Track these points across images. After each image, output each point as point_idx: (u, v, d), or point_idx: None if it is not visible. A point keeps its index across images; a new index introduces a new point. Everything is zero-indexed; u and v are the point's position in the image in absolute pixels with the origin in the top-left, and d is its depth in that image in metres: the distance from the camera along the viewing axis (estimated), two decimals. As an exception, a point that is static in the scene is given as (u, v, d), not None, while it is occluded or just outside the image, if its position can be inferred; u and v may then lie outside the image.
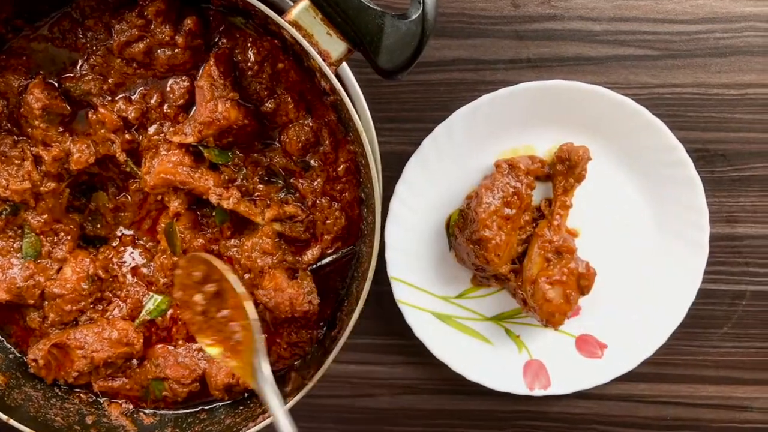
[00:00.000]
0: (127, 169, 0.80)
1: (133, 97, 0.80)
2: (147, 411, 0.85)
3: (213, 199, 0.78)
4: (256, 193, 0.81)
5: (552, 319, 0.82)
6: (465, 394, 0.93)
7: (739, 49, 0.86)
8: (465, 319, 0.90)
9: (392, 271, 0.87)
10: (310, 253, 0.82)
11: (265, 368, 0.73)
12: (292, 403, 0.77)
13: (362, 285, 0.75)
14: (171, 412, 0.85)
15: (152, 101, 0.80)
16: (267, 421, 0.77)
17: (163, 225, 0.81)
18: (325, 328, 0.85)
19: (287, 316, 0.78)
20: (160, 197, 0.80)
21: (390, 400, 0.94)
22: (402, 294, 0.87)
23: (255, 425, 0.78)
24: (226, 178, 0.80)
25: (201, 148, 0.77)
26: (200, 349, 0.83)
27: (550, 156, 0.86)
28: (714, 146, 0.87)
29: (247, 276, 0.81)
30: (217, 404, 0.85)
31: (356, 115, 0.72)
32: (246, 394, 0.84)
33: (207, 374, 0.82)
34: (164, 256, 0.82)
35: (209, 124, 0.75)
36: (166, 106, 0.80)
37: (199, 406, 0.86)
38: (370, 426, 0.94)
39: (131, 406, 0.84)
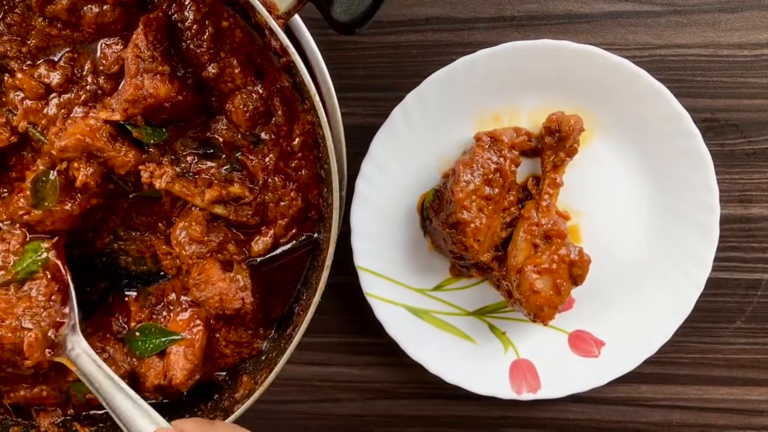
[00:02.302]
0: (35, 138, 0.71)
1: (57, 62, 0.71)
2: (83, 420, 0.76)
3: (144, 176, 0.69)
4: (197, 171, 0.72)
5: (540, 313, 0.74)
6: (445, 399, 0.85)
7: (753, 3, 0.77)
8: (443, 314, 0.81)
9: (359, 260, 0.78)
10: (262, 242, 0.73)
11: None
12: (242, 409, 0.69)
13: (320, 275, 0.66)
14: (107, 423, 0.76)
15: (85, 70, 0.71)
16: None
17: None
18: (274, 328, 0.76)
19: (217, 312, 0.69)
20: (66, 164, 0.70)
21: (360, 405, 0.86)
22: (371, 286, 0.78)
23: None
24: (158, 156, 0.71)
25: (129, 127, 0.68)
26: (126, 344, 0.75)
27: (538, 128, 0.77)
28: (725, 115, 0.78)
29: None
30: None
31: (309, 77, 0.64)
32: (184, 398, 0.76)
33: (137, 374, 0.74)
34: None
35: (134, 102, 0.67)
36: (101, 79, 0.71)
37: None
38: (341, 434, 0.86)
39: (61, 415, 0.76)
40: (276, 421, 0.87)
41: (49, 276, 0.71)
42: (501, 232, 0.76)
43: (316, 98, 0.64)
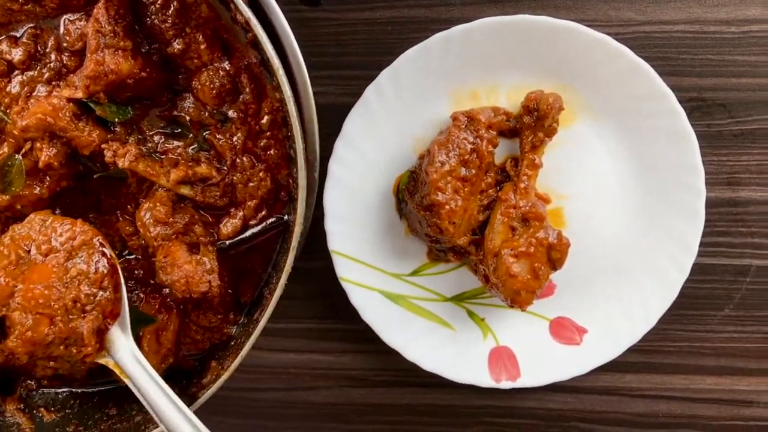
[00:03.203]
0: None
1: (19, 38, 0.69)
2: (49, 406, 0.75)
3: (107, 155, 0.68)
4: (164, 150, 0.70)
5: (518, 298, 0.71)
6: (423, 387, 0.83)
7: (741, -23, 0.74)
8: (420, 299, 0.79)
9: (333, 243, 0.76)
10: (230, 224, 0.72)
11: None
12: (206, 395, 0.67)
13: (286, 258, 0.65)
14: (75, 409, 0.75)
15: (48, 47, 0.69)
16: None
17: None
18: (244, 313, 0.74)
19: (184, 296, 0.68)
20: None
21: (336, 393, 0.84)
22: (345, 271, 0.77)
23: (162, 424, 0.68)
24: (124, 135, 0.69)
25: (92, 105, 0.67)
26: None
27: (518, 107, 0.75)
28: (711, 94, 0.76)
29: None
30: (130, 401, 0.75)
31: (273, 52, 0.62)
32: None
33: None
34: None
35: (96, 78, 0.65)
36: (65, 56, 0.69)
37: (106, 386, 0.77)
38: (312, 423, 0.84)
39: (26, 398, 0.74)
40: (252, 409, 0.85)
41: (97, 249, 0.66)
42: (478, 215, 0.74)
43: (281, 73, 0.62)
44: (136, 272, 0.75)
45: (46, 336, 0.62)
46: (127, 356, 0.65)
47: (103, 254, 0.65)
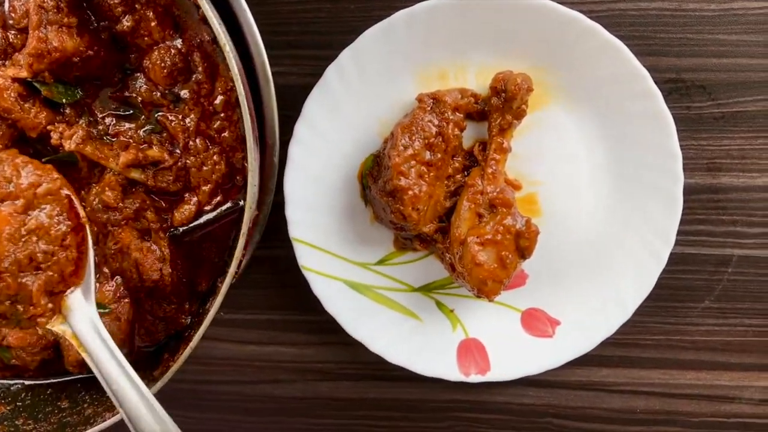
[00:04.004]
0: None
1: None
2: None
3: (54, 137, 0.65)
4: (115, 133, 0.68)
5: (484, 288, 0.69)
6: (390, 380, 0.80)
7: (722, -49, 0.71)
8: (387, 289, 0.76)
9: (294, 231, 0.74)
10: (184, 210, 0.69)
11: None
12: (155, 388, 0.65)
13: (235, 244, 0.62)
14: (26, 402, 0.73)
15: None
16: (120, 414, 0.64)
17: None
18: (200, 302, 0.72)
19: (135, 284, 0.65)
20: None
21: (300, 387, 0.81)
22: (307, 259, 0.74)
23: (112, 415, 0.66)
24: (74, 117, 0.67)
25: (38, 85, 0.64)
26: None
27: (487, 89, 0.71)
28: (691, 76, 0.73)
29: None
30: (83, 393, 0.73)
31: (220, 28, 0.59)
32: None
33: (61, 346, 0.71)
34: None
35: (39, 56, 0.63)
36: (11, 34, 0.67)
37: (60, 378, 0.75)
38: (276, 417, 0.82)
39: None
40: (215, 402, 0.83)
41: (63, 202, 0.61)
42: (445, 201, 0.72)
43: (227, 50, 0.60)
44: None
45: None
46: (87, 326, 0.60)
47: (71, 208, 0.60)
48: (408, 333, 0.76)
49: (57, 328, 0.61)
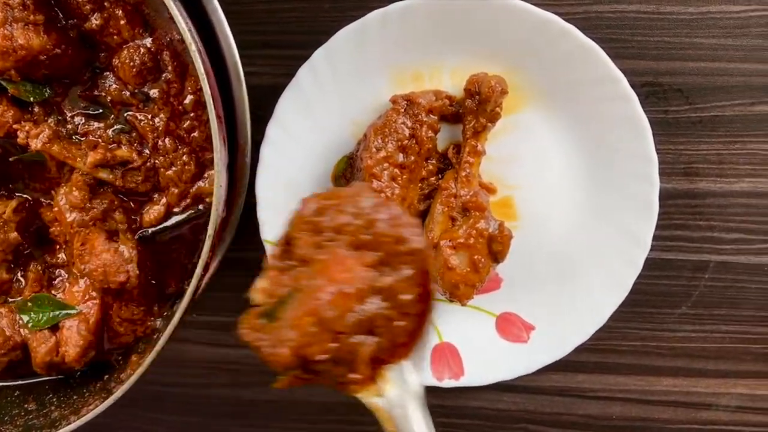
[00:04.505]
0: None
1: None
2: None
3: (20, 136, 0.65)
4: (84, 132, 0.67)
5: (456, 292, 0.68)
6: (365, 385, 0.79)
7: (700, -47, 0.70)
8: (361, 293, 0.75)
9: (266, 233, 0.73)
10: (153, 211, 0.68)
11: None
12: (121, 391, 0.64)
13: (202, 246, 0.61)
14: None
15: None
16: (86, 418, 0.64)
17: None
18: (169, 305, 0.71)
19: (102, 286, 0.65)
20: None
21: (274, 390, 0.80)
22: (279, 262, 0.73)
23: (77, 418, 0.65)
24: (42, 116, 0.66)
25: (4, 83, 0.64)
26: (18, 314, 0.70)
27: (461, 91, 0.71)
28: (668, 79, 0.72)
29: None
30: (51, 395, 0.72)
31: (185, 26, 0.58)
32: (77, 378, 0.71)
33: (29, 347, 0.70)
34: None
35: (4, 54, 0.62)
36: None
37: (28, 380, 0.74)
38: (250, 420, 0.81)
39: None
40: (194, 406, 0.83)
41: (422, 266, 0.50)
42: (418, 205, 0.71)
43: (194, 49, 0.59)
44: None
45: (321, 353, 0.48)
46: (400, 408, 0.50)
47: (424, 280, 0.49)
48: (381, 337, 0.76)
49: (367, 399, 0.51)
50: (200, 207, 0.69)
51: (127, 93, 0.67)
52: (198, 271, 0.62)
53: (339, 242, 0.48)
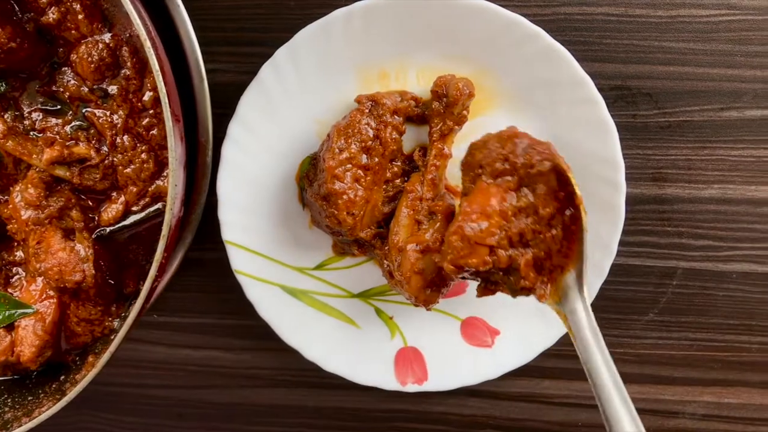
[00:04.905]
0: None
1: None
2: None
3: (-27, 132, 0.63)
4: (42, 128, 0.66)
5: (422, 296, 0.67)
6: (330, 388, 0.79)
7: (670, -43, 0.70)
8: (325, 295, 0.75)
9: (227, 233, 0.72)
10: (111, 210, 0.67)
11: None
12: (75, 392, 0.64)
13: (156, 246, 0.61)
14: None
15: None
16: (38, 419, 0.63)
17: None
18: (127, 305, 0.70)
19: (58, 285, 0.64)
20: None
21: (237, 393, 0.80)
22: (241, 263, 0.73)
23: (29, 420, 0.64)
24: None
25: None
26: None
27: (428, 92, 0.70)
28: (637, 83, 0.71)
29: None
30: (5, 396, 0.71)
31: (139, 20, 0.57)
32: (33, 378, 0.70)
33: None
34: None
35: None
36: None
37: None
38: (212, 423, 0.80)
39: None
40: (150, 407, 0.81)
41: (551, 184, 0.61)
42: (383, 207, 0.70)
43: (148, 45, 0.58)
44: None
45: (485, 263, 0.59)
46: (573, 313, 0.59)
47: (562, 187, 0.59)
48: (345, 340, 0.75)
49: (553, 307, 0.60)
50: (159, 206, 0.68)
51: (86, 89, 0.66)
52: (152, 272, 0.61)
53: (482, 173, 0.61)
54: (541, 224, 0.59)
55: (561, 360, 0.77)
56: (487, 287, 0.63)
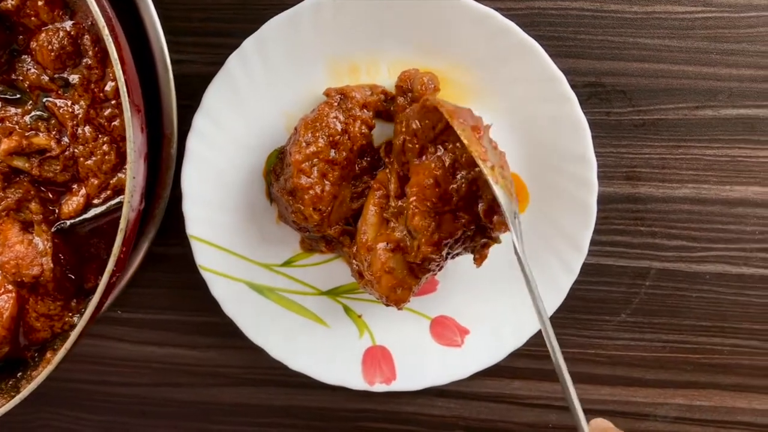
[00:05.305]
0: None
1: None
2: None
3: (-74, 121, 0.62)
4: (1, 118, 0.64)
5: (393, 296, 0.66)
6: (296, 387, 0.78)
7: (645, -49, 0.69)
8: (292, 292, 0.74)
9: (191, 228, 0.71)
10: (72, 202, 0.66)
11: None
12: (29, 389, 0.62)
13: (113, 240, 0.59)
14: None
15: None
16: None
17: None
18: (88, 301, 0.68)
19: (15, 279, 0.62)
20: None
21: (201, 391, 0.79)
22: (206, 259, 0.71)
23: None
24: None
25: None
26: None
27: (399, 86, 0.69)
28: (611, 80, 0.71)
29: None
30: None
31: (97, 7, 0.56)
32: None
33: None
34: None
35: None
36: None
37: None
38: (176, 422, 0.79)
39: None
40: (112, 404, 0.80)
41: None
42: (352, 203, 0.69)
43: (106, 32, 0.57)
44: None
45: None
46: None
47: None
48: (312, 339, 0.74)
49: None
50: (120, 199, 0.67)
51: (46, 78, 0.65)
52: (109, 266, 0.60)
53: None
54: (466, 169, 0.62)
55: (531, 360, 0.76)
56: (479, 253, 0.66)
